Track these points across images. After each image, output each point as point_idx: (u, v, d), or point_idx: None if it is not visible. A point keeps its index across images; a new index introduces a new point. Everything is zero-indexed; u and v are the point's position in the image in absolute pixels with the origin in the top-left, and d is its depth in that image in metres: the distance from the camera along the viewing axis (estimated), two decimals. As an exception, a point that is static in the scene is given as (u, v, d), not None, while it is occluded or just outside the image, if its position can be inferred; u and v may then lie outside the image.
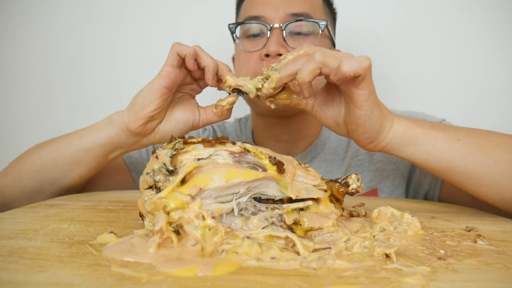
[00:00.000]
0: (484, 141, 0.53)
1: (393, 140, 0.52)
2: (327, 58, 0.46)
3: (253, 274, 0.30)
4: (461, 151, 0.52)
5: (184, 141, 0.40)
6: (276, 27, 0.68)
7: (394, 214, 0.44)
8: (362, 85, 0.47)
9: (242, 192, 0.38)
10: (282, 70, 0.50)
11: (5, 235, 0.39)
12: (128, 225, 0.44)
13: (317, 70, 0.47)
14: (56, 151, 0.63)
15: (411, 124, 0.53)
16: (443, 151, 0.52)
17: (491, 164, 0.51)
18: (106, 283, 0.27)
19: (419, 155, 0.53)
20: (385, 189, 0.78)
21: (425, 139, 0.52)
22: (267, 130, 0.82)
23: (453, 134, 0.53)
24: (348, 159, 0.80)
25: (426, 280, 0.29)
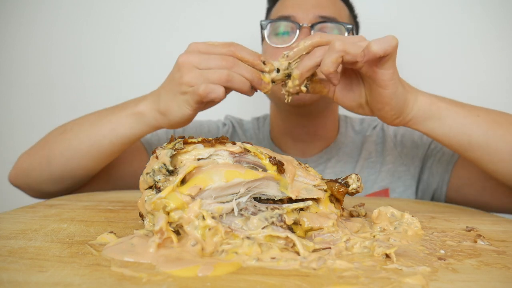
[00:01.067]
0: (502, 119, 0.55)
1: (418, 113, 0.54)
2: (347, 46, 0.47)
3: (253, 274, 0.30)
4: (481, 126, 0.54)
5: (184, 141, 0.40)
6: (305, 26, 0.70)
7: (394, 214, 0.44)
8: (388, 65, 0.48)
9: (242, 192, 0.38)
10: (301, 66, 0.51)
11: (5, 235, 0.39)
12: (128, 225, 0.44)
13: (339, 59, 0.48)
14: (88, 142, 0.64)
15: (435, 99, 0.54)
16: (464, 126, 0.54)
17: (509, 139, 0.53)
18: (106, 283, 0.27)
19: (442, 129, 0.54)
20: (396, 189, 0.79)
21: (448, 114, 0.54)
22: (286, 129, 0.83)
23: (473, 110, 0.55)
24: (361, 161, 0.82)
25: (426, 280, 0.29)
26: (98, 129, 0.64)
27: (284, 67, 0.54)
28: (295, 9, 0.73)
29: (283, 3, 0.77)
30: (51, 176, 0.66)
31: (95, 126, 0.64)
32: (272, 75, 0.55)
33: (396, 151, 0.81)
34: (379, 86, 0.50)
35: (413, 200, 0.69)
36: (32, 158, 0.68)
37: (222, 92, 0.52)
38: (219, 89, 0.51)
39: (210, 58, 0.53)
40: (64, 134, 0.67)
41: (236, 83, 0.52)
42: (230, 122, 0.92)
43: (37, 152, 0.68)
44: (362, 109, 0.56)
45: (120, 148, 0.65)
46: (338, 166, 0.82)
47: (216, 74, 0.52)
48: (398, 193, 0.79)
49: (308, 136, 0.82)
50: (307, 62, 0.51)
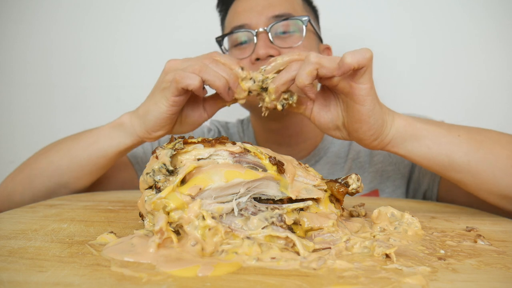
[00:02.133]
0: (484, 138, 0.53)
1: (396, 135, 0.53)
2: (322, 60, 0.47)
3: (253, 274, 0.30)
4: (462, 146, 0.52)
5: (184, 141, 0.40)
6: (261, 31, 0.69)
7: (394, 214, 0.44)
8: (364, 79, 0.47)
9: (242, 192, 0.38)
10: (277, 80, 0.51)
11: (5, 235, 0.39)
12: (128, 225, 0.44)
13: (314, 71, 0.47)
14: (68, 156, 0.64)
15: (411, 120, 0.53)
16: (444, 146, 0.52)
17: (491, 160, 0.51)
18: (106, 283, 0.27)
19: (421, 150, 0.53)
20: (386, 189, 0.78)
21: (426, 134, 0.52)
22: (267, 135, 0.83)
23: (453, 130, 0.53)
24: (349, 162, 0.81)
25: (426, 280, 0.29)
26: (78, 143, 0.64)
27: (259, 79, 0.54)
28: (247, 16, 0.72)
29: (235, 10, 0.75)
30: (33, 196, 0.65)
31: (75, 141, 0.65)
32: (247, 84, 0.55)
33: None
34: (356, 102, 0.49)
35: (413, 200, 0.69)
36: (14, 181, 0.67)
37: (197, 80, 0.51)
38: (194, 76, 0.52)
39: (190, 59, 0.55)
40: (45, 153, 0.67)
41: (211, 76, 0.52)
42: (216, 127, 0.92)
43: (18, 174, 0.68)
44: (339, 131, 0.55)
45: (101, 162, 0.64)
46: (326, 167, 0.81)
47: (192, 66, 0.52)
48: (387, 194, 0.79)
49: (291, 139, 0.81)
50: (282, 76, 0.50)
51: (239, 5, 0.75)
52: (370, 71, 0.47)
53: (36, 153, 0.70)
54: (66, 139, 0.68)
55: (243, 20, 0.72)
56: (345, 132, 0.54)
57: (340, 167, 0.81)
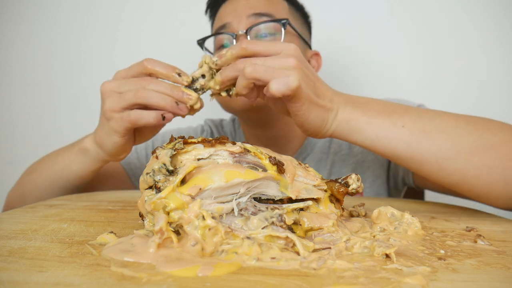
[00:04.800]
0: (430, 126, 0.53)
1: (338, 129, 0.53)
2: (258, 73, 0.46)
3: (253, 274, 0.30)
4: (404, 139, 0.52)
5: (184, 141, 0.40)
6: (240, 34, 0.69)
7: (394, 214, 0.44)
8: (294, 100, 0.48)
9: (242, 192, 0.38)
10: (223, 74, 0.51)
11: (5, 235, 0.39)
12: (128, 225, 0.44)
13: (250, 84, 0.48)
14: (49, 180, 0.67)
15: (356, 113, 0.53)
16: (386, 139, 0.53)
17: (434, 150, 0.52)
18: (106, 283, 0.27)
19: (365, 142, 0.54)
20: (366, 179, 0.80)
21: (368, 128, 0.53)
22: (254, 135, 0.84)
23: (398, 120, 0.53)
24: (332, 156, 0.82)
25: (426, 280, 0.29)
26: (55, 167, 0.67)
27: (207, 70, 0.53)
28: (228, 16, 0.73)
29: (218, 14, 0.77)
30: None
31: (53, 164, 0.67)
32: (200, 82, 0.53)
33: None
34: (291, 112, 0.50)
35: (413, 200, 0.69)
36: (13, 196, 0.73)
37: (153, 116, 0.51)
38: (149, 113, 0.51)
39: (128, 81, 0.53)
40: (32, 174, 0.71)
41: (153, 98, 0.51)
42: (209, 127, 0.93)
43: (15, 191, 0.73)
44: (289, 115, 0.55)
45: (79, 182, 0.67)
46: (312, 164, 0.82)
47: (131, 93, 0.51)
48: (368, 183, 0.80)
49: (277, 139, 0.82)
50: (228, 73, 0.50)
51: (223, 9, 0.76)
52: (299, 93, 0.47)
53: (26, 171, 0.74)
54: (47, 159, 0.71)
55: (224, 20, 0.73)
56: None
57: (324, 162, 0.82)
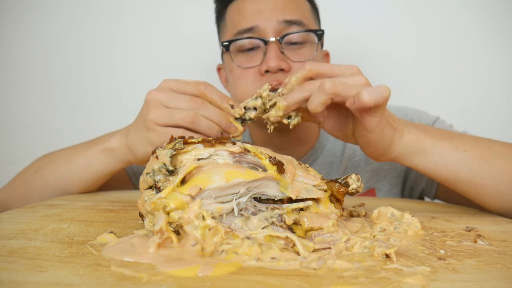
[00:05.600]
0: (489, 152, 0.54)
1: (403, 151, 0.53)
2: (338, 88, 0.45)
3: (253, 274, 0.30)
4: (467, 162, 0.53)
5: (184, 141, 0.40)
6: (272, 41, 0.66)
7: (394, 214, 0.44)
8: (377, 113, 0.46)
9: (242, 192, 0.38)
10: (289, 98, 0.50)
11: (5, 235, 0.39)
12: (128, 225, 0.44)
13: (328, 101, 0.46)
14: (63, 179, 0.65)
15: (420, 135, 0.53)
16: (450, 162, 0.53)
17: (495, 175, 0.53)
18: (106, 283, 0.27)
19: (427, 165, 0.53)
20: (382, 188, 0.79)
21: (434, 150, 0.53)
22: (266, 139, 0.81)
23: (460, 145, 0.54)
24: (345, 161, 0.81)
25: (426, 280, 0.29)
26: (72, 165, 0.65)
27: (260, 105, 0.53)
28: (255, 18, 0.68)
29: (239, 12, 0.70)
30: None
31: (69, 162, 0.65)
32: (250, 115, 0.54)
33: None
34: (365, 130, 0.49)
35: (413, 200, 0.69)
36: (9, 195, 0.69)
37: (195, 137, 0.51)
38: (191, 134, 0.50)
39: (178, 97, 0.51)
40: (40, 172, 0.67)
41: (202, 126, 0.51)
42: None
43: (14, 189, 0.69)
44: (347, 139, 0.55)
45: (96, 182, 0.66)
46: (323, 167, 0.81)
47: (181, 114, 0.50)
48: (384, 192, 0.79)
49: (290, 144, 0.80)
50: (296, 95, 0.49)
51: (244, 6, 0.70)
52: (384, 106, 0.46)
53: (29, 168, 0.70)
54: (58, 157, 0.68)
55: (251, 22, 0.68)
56: (354, 140, 0.54)
57: (336, 166, 0.81)
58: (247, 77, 0.69)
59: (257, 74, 0.68)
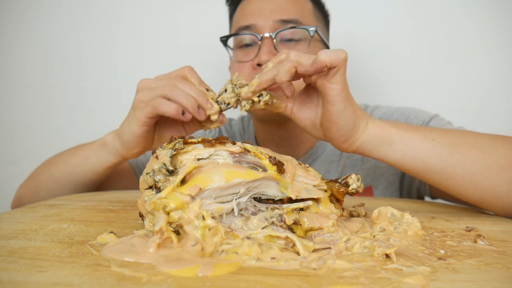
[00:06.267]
0: (460, 141, 0.53)
1: (368, 140, 0.53)
2: (301, 58, 0.48)
3: (253, 274, 0.30)
4: (436, 151, 0.52)
5: (184, 141, 0.40)
6: (266, 36, 0.69)
7: (394, 214, 0.44)
8: (336, 79, 0.48)
9: (242, 192, 0.38)
10: (262, 76, 0.52)
11: (5, 235, 0.39)
12: (128, 225, 0.44)
13: (292, 69, 0.48)
14: (66, 171, 0.69)
15: (386, 125, 0.53)
16: (418, 151, 0.52)
17: (467, 164, 0.51)
18: (106, 283, 0.27)
19: (394, 156, 0.53)
20: (379, 186, 0.79)
21: (400, 140, 0.52)
22: (268, 136, 0.83)
23: (428, 134, 0.53)
24: (344, 159, 0.81)
25: (426, 280, 0.29)
26: (73, 160, 0.68)
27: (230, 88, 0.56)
28: (254, 17, 0.71)
29: (242, 11, 0.75)
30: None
31: (72, 157, 0.69)
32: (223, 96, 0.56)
33: None
34: (327, 101, 0.50)
35: (413, 200, 0.69)
36: (24, 190, 0.74)
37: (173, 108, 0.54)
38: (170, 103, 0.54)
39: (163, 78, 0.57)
40: (48, 167, 0.72)
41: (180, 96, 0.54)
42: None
43: (28, 184, 0.74)
44: (315, 129, 0.56)
45: (95, 177, 0.68)
46: (323, 166, 0.82)
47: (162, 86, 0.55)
48: (381, 190, 0.79)
49: (290, 141, 0.82)
50: (268, 73, 0.51)
51: (247, 6, 0.74)
52: (343, 72, 0.48)
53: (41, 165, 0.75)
54: (65, 153, 0.72)
55: (250, 20, 0.72)
56: (321, 132, 0.55)
57: (335, 164, 0.82)
58: (243, 70, 0.72)
59: (251, 67, 0.71)
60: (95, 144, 0.66)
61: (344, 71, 0.48)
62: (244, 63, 0.72)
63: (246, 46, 0.73)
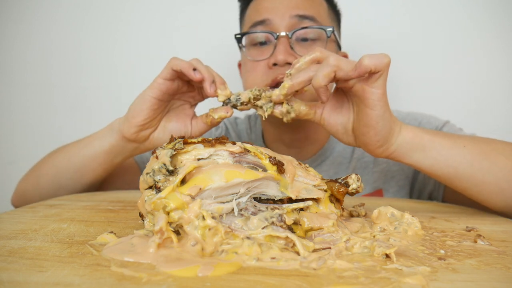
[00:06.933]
0: (489, 148, 0.54)
1: (402, 145, 0.53)
2: (341, 62, 0.47)
3: (253, 274, 0.30)
4: (467, 158, 0.53)
5: (184, 141, 0.40)
6: (282, 35, 0.68)
7: (394, 214, 0.44)
8: (378, 84, 0.47)
9: (242, 192, 0.38)
10: (294, 78, 0.51)
11: (5, 235, 0.39)
12: (128, 225, 0.44)
13: (331, 73, 0.47)
14: (67, 158, 0.67)
15: (418, 131, 0.53)
16: (449, 157, 0.53)
17: (496, 171, 0.52)
18: (106, 283, 0.27)
19: (426, 161, 0.53)
20: (390, 189, 0.79)
21: (432, 146, 0.53)
22: (277, 136, 0.82)
23: (458, 141, 0.54)
24: (354, 161, 0.81)
25: (426, 280, 0.29)
26: (75, 146, 0.67)
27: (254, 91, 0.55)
28: (269, 12, 0.70)
29: (256, 7, 0.73)
30: (41, 196, 0.67)
31: (75, 144, 0.68)
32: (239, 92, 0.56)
33: None
34: (367, 106, 0.49)
35: (413, 200, 0.69)
36: (27, 182, 0.72)
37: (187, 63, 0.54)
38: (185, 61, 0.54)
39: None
40: (51, 156, 0.71)
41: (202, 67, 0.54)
42: (224, 124, 0.92)
43: (29, 176, 0.72)
44: (346, 134, 0.55)
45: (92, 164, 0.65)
46: (332, 167, 0.81)
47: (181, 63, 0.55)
48: (391, 193, 0.79)
49: (300, 142, 0.81)
50: (301, 75, 0.50)
51: (261, 3, 0.73)
52: (385, 77, 0.48)
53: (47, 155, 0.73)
54: (71, 143, 0.70)
55: (265, 15, 0.70)
56: (352, 137, 0.55)
57: (345, 166, 0.82)
58: (257, 70, 0.71)
59: (266, 67, 0.70)
60: (101, 130, 0.64)
61: (386, 76, 0.48)
62: (258, 62, 0.71)
63: (261, 44, 0.71)
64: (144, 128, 0.59)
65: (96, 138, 0.64)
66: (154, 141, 0.60)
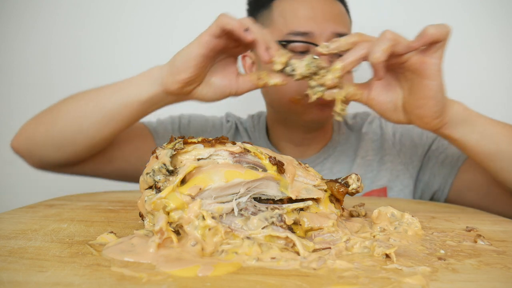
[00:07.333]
0: None
1: (454, 117, 0.54)
2: (398, 36, 0.47)
3: (253, 274, 0.30)
4: (509, 136, 0.54)
5: (184, 141, 0.40)
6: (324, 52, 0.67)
7: (394, 214, 0.44)
8: (438, 54, 0.48)
9: (242, 192, 0.38)
10: (344, 58, 0.49)
11: (5, 235, 0.39)
12: (128, 225, 0.44)
13: (390, 48, 0.47)
14: (95, 101, 0.62)
15: (465, 106, 0.55)
16: (494, 134, 0.54)
17: None
18: (106, 283, 0.27)
19: (473, 136, 0.54)
20: (394, 188, 0.79)
21: (479, 120, 0.54)
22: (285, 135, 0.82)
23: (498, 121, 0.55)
24: (358, 159, 0.81)
25: (426, 280, 0.29)
26: (105, 90, 0.63)
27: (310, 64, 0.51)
28: (310, 24, 0.68)
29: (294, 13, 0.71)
30: (53, 140, 0.64)
31: (104, 88, 0.64)
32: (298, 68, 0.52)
33: (395, 150, 0.81)
34: (425, 77, 0.49)
35: (413, 200, 0.69)
36: (37, 122, 0.67)
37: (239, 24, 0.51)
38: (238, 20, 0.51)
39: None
40: (72, 98, 0.66)
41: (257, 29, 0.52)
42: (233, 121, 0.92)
43: (43, 115, 0.68)
44: (396, 112, 0.54)
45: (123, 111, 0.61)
46: (336, 165, 0.81)
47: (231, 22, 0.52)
48: (395, 192, 0.79)
49: (307, 140, 0.81)
50: (351, 55, 0.49)
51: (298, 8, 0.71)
52: (444, 47, 0.48)
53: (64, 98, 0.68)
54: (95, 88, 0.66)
55: (306, 27, 0.68)
56: (402, 114, 0.54)
57: (349, 165, 0.82)
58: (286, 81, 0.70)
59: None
60: (135, 76, 0.61)
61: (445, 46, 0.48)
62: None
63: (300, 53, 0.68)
64: (189, 84, 0.57)
65: (132, 84, 0.61)
66: (198, 95, 0.59)
